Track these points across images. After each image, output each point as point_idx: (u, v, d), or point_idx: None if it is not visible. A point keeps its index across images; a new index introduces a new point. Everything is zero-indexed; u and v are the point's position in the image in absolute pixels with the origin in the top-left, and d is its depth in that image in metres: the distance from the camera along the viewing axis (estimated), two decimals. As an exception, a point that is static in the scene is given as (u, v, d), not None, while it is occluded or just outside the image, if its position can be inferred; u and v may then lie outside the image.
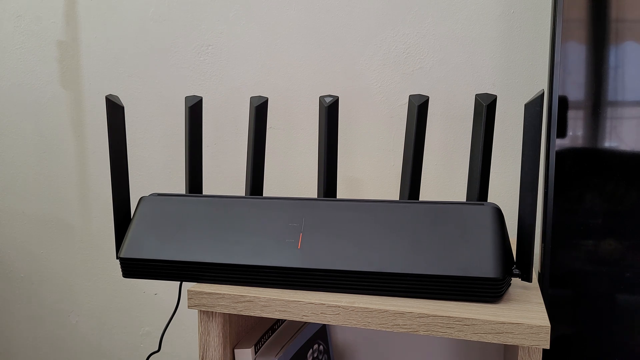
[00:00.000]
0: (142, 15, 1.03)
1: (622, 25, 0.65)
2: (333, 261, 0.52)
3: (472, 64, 0.85)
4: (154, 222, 0.58)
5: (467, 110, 0.85)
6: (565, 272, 0.69)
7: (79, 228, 1.14)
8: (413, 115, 0.61)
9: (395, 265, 0.50)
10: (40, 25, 1.10)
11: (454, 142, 0.88)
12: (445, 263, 0.49)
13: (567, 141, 0.68)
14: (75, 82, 1.10)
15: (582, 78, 0.67)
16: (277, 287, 0.54)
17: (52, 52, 1.10)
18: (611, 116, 0.66)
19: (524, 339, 0.45)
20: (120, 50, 1.06)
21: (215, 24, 0.98)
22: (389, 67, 0.89)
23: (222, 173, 1.00)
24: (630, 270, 0.67)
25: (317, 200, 0.56)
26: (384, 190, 0.92)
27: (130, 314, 1.13)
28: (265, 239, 0.55)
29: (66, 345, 1.21)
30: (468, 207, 0.51)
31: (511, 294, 0.52)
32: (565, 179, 0.68)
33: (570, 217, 0.68)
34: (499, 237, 0.49)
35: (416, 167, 0.62)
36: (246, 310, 0.53)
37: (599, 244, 0.68)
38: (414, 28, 0.87)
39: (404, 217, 0.52)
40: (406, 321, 0.48)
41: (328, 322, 0.50)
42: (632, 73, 0.65)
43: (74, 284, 1.17)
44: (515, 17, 0.83)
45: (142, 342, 1.14)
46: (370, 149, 0.92)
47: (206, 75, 1.00)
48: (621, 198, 0.66)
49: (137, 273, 0.58)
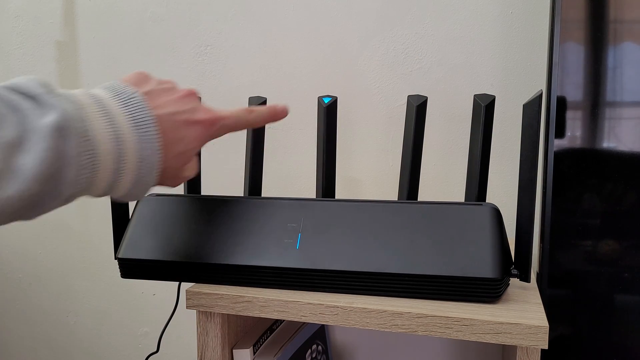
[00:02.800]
0: (140, 15, 1.03)
1: (621, 26, 0.66)
2: (331, 261, 0.52)
3: (470, 64, 0.85)
4: (152, 222, 0.58)
5: (466, 110, 0.85)
6: (563, 273, 0.69)
7: (77, 228, 1.14)
8: (411, 116, 0.61)
9: (393, 266, 0.50)
10: (38, 26, 1.10)
11: (452, 142, 0.88)
12: (444, 263, 0.49)
13: (566, 142, 0.68)
14: (74, 82, 1.10)
15: (581, 79, 0.67)
16: (275, 288, 0.54)
17: (51, 53, 1.10)
18: (609, 117, 0.67)
19: (522, 339, 0.45)
20: (118, 50, 1.06)
21: (214, 24, 0.98)
22: (387, 68, 0.89)
23: (220, 173, 1.00)
24: (628, 270, 0.67)
25: (315, 201, 0.56)
26: (383, 191, 0.92)
27: (129, 314, 1.13)
28: (263, 239, 0.55)
29: (64, 346, 1.21)
30: (467, 207, 0.52)
31: (509, 294, 0.52)
32: (563, 179, 0.68)
33: (569, 218, 0.68)
34: (498, 238, 0.49)
35: (415, 168, 0.62)
36: (245, 311, 0.53)
37: (597, 244, 0.68)
38: (412, 28, 0.87)
39: (402, 218, 0.52)
40: (405, 321, 0.48)
41: (327, 322, 0.50)
42: (630, 74, 0.65)
43: (72, 284, 1.17)
44: (513, 18, 0.83)
45: (141, 343, 1.14)
46: (368, 150, 0.92)
47: (205, 75, 1.00)
48: (619, 198, 0.67)
49: (136, 273, 0.58)
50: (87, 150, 0.33)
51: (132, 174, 0.37)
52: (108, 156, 0.35)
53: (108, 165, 0.35)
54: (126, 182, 0.37)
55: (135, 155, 0.36)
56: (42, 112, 0.32)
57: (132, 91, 0.38)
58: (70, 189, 0.33)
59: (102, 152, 0.34)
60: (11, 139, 0.30)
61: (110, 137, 0.35)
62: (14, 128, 0.30)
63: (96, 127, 0.34)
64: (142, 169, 0.37)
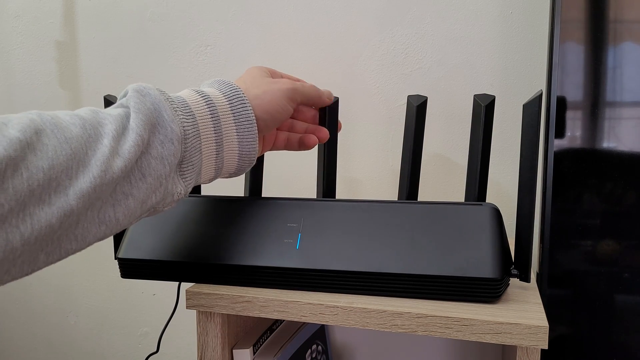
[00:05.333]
0: (140, 15, 1.03)
1: (621, 26, 0.66)
2: (332, 261, 0.52)
3: (470, 64, 0.85)
4: (152, 222, 0.58)
5: (466, 110, 0.85)
6: (563, 273, 0.69)
7: (77, 228, 1.14)
8: (412, 116, 0.61)
9: (393, 266, 0.50)
10: (38, 26, 1.10)
11: (452, 142, 0.88)
12: (444, 263, 0.49)
13: (566, 142, 0.68)
14: (74, 82, 1.10)
15: (581, 79, 0.67)
16: (275, 288, 0.54)
17: (51, 53, 1.10)
18: (609, 117, 0.67)
19: (522, 339, 0.45)
20: (118, 50, 1.06)
21: (214, 24, 0.98)
22: (387, 68, 0.89)
23: (220, 173, 1.00)
24: (628, 270, 0.67)
25: (316, 201, 0.56)
26: (383, 191, 0.92)
27: (129, 314, 1.13)
28: (263, 239, 0.55)
29: (64, 346, 1.21)
30: (466, 207, 0.52)
31: (509, 294, 0.52)
32: (563, 179, 0.68)
33: (569, 218, 0.68)
34: (498, 238, 0.49)
35: (415, 168, 0.62)
36: (245, 311, 0.53)
37: (597, 244, 0.68)
38: (412, 28, 0.87)
39: (402, 218, 0.52)
40: (404, 321, 0.48)
41: (327, 322, 0.50)
42: (630, 74, 0.65)
43: (72, 284, 1.17)
44: (513, 18, 0.83)
45: (141, 343, 1.14)
46: (368, 150, 0.92)
47: (205, 76, 1.00)
48: (619, 198, 0.67)
49: (136, 273, 0.58)
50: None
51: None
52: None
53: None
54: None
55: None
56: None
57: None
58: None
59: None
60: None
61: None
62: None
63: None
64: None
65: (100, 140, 0.35)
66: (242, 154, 0.47)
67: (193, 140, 0.42)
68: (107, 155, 0.35)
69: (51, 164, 0.32)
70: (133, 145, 0.36)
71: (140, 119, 0.38)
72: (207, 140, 0.44)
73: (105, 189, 0.35)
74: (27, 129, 0.31)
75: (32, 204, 0.31)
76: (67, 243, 0.35)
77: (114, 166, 0.35)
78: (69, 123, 0.34)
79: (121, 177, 0.36)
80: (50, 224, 0.32)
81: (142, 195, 0.38)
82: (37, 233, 0.31)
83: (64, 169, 0.32)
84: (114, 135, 0.36)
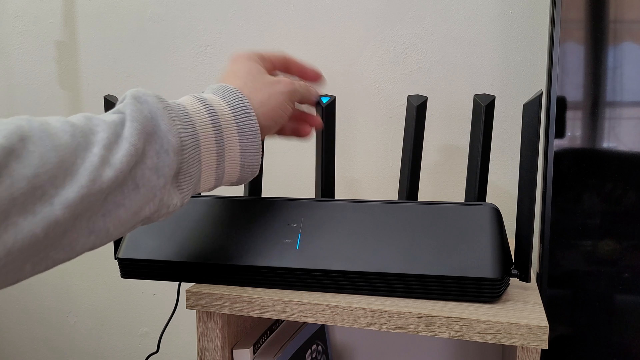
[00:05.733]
0: (140, 15, 1.03)
1: (621, 26, 0.66)
2: (331, 261, 0.52)
3: (470, 64, 0.85)
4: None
5: (466, 110, 0.85)
6: (563, 273, 0.69)
7: (77, 228, 1.14)
8: (412, 116, 0.61)
9: (393, 266, 0.50)
10: (38, 26, 1.10)
11: (452, 142, 0.88)
12: (444, 263, 0.49)
13: (566, 141, 0.68)
14: (74, 82, 1.10)
15: (581, 79, 0.67)
16: (275, 288, 0.54)
17: (51, 53, 1.10)
18: (609, 117, 0.67)
19: (522, 339, 0.45)
20: (118, 50, 1.06)
21: (214, 24, 0.98)
22: (387, 68, 0.89)
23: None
24: (628, 270, 0.67)
25: (316, 201, 0.56)
26: (383, 191, 0.92)
27: (129, 314, 1.13)
28: (263, 239, 0.55)
29: (64, 346, 1.21)
30: (467, 207, 0.52)
31: (509, 295, 0.52)
32: (563, 179, 0.68)
33: (569, 218, 0.68)
34: (498, 238, 0.49)
35: (415, 168, 0.62)
36: (245, 311, 0.53)
37: (597, 244, 0.68)
38: (412, 28, 0.87)
39: (402, 218, 0.52)
40: (405, 321, 0.48)
41: (327, 322, 0.50)
42: (630, 74, 0.65)
43: (72, 284, 1.17)
44: (513, 18, 0.83)
45: (141, 343, 1.14)
46: (368, 150, 0.92)
47: (205, 76, 1.00)
48: (619, 198, 0.67)
49: (136, 273, 0.58)
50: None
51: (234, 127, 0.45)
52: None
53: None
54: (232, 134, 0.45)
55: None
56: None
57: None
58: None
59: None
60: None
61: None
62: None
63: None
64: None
65: (90, 149, 0.34)
66: (244, 164, 0.46)
67: (191, 150, 0.41)
68: (96, 165, 0.33)
69: (36, 172, 0.30)
70: (125, 154, 0.35)
71: (135, 127, 0.36)
72: (208, 150, 0.43)
73: (94, 199, 0.34)
74: (12, 135, 0.31)
75: (15, 213, 0.29)
76: (55, 253, 0.34)
77: (104, 176, 0.34)
78: (58, 130, 0.33)
79: (112, 187, 0.35)
80: (34, 234, 0.31)
81: (135, 206, 0.37)
82: (20, 243, 0.30)
83: (49, 177, 0.31)
84: (105, 144, 0.34)
